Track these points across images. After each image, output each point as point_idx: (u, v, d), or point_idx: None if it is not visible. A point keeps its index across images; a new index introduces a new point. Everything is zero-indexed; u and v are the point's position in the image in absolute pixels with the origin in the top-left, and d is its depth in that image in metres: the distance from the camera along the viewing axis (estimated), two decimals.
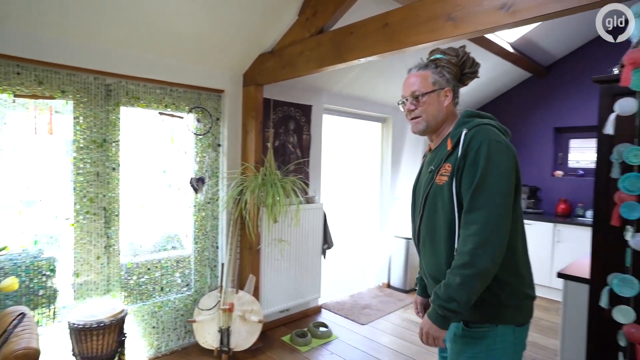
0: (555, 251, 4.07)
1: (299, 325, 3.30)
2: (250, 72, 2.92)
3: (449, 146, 1.22)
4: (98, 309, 2.28)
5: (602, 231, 1.41)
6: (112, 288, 2.49)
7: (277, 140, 3.24)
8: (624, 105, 1.27)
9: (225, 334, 2.66)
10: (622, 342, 1.34)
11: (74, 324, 2.14)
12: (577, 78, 4.32)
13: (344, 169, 4.08)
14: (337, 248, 3.82)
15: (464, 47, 1.35)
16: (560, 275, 1.93)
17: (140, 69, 2.46)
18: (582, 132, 4.38)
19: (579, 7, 1.40)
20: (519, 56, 3.97)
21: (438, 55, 1.32)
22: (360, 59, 2.11)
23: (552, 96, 4.54)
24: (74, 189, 2.32)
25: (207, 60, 2.71)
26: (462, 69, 1.32)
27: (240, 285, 2.90)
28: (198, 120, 2.82)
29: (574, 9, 1.41)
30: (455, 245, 1.14)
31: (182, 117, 2.74)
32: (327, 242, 3.58)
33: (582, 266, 1.95)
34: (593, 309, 1.44)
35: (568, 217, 4.28)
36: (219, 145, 2.96)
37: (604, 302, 1.36)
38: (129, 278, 2.58)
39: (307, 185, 3.46)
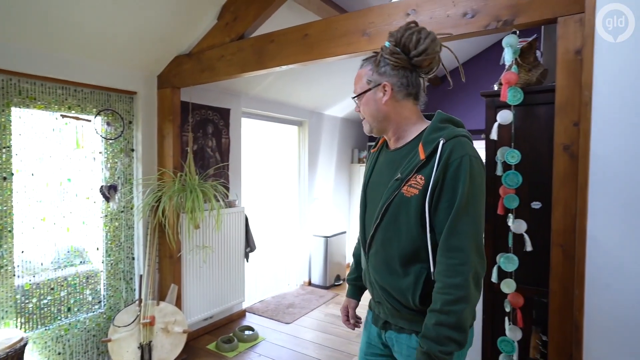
0: None
1: (224, 332, 3.26)
2: (166, 74, 2.81)
3: (422, 154, 1.08)
4: None
5: (491, 219, 1.71)
6: (6, 315, 2.19)
7: (196, 145, 3.16)
8: (504, 116, 1.56)
9: (146, 349, 2.53)
10: (507, 308, 1.64)
11: None
12: (463, 88, 4.98)
13: (264, 171, 4.13)
14: (259, 250, 3.85)
15: (410, 23, 1.14)
16: None
17: (36, 66, 2.22)
18: (472, 134, 5.06)
19: (466, 34, 1.67)
20: None
21: (386, 43, 1.14)
22: (282, 66, 2.19)
23: (446, 102, 5.14)
24: None
25: (117, 59, 2.55)
26: (406, 53, 1.12)
27: (161, 296, 2.77)
28: (108, 124, 2.63)
29: (462, 35, 1.68)
30: (431, 269, 1.05)
31: (89, 120, 2.53)
32: (249, 245, 3.59)
33: None
34: (486, 284, 1.73)
35: None
36: (133, 150, 2.80)
37: (494, 277, 1.65)
38: (27, 301, 2.30)
39: (228, 189, 3.44)
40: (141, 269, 2.79)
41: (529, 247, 1.55)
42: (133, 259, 2.82)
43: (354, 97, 1.22)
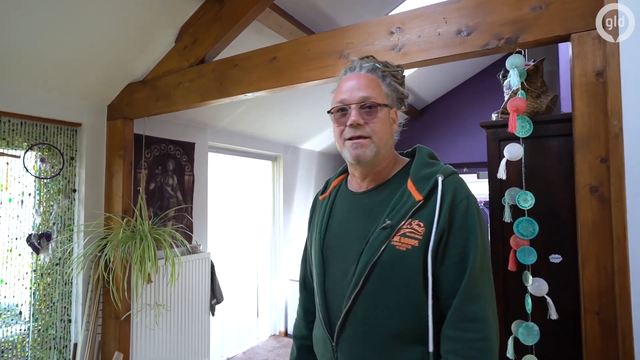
0: None
1: None
2: (117, 104, 2.46)
3: (417, 194, 0.84)
4: None
5: (499, 277, 1.39)
6: None
7: (153, 183, 2.78)
8: (512, 151, 1.29)
9: None
10: None
11: None
12: (446, 119, 4.81)
13: (234, 211, 3.74)
14: (227, 300, 3.40)
15: (400, 66, 1.02)
16: None
17: None
18: (457, 168, 4.85)
19: (460, 54, 1.42)
20: None
21: (377, 64, 0.95)
22: (247, 94, 1.89)
23: (428, 135, 4.96)
24: None
25: (58, 86, 2.19)
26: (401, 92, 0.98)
27: None
28: (42, 160, 2.23)
29: (456, 55, 1.43)
30: (430, 348, 0.80)
31: (17, 156, 2.13)
32: (215, 296, 3.15)
33: None
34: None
35: None
36: (74, 190, 2.39)
37: (509, 352, 1.32)
38: None
39: (190, 233, 3.03)
40: (79, 334, 2.31)
41: (554, 315, 1.23)
42: (69, 321, 2.34)
43: (371, 105, 0.88)
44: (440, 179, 0.84)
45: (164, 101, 2.21)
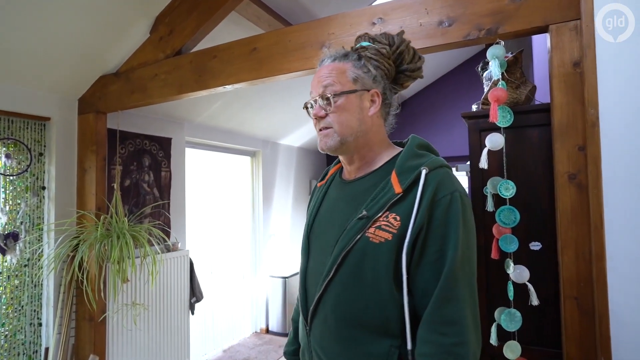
0: None
1: None
2: (89, 97, 2.36)
3: (397, 187, 0.81)
4: None
5: (482, 265, 1.41)
6: None
7: (128, 179, 2.69)
8: (494, 141, 1.31)
9: None
10: None
11: None
12: (424, 113, 4.87)
13: (213, 208, 3.67)
14: (207, 298, 3.33)
15: (402, 32, 0.96)
16: None
17: None
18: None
19: (442, 45, 1.43)
20: None
21: (364, 43, 0.92)
22: (226, 86, 1.85)
23: (407, 129, 5.01)
24: None
25: (24, 78, 2.07)
26: (398, 64, 0.93)
27: None
28: (7, 156, 2.11)
29: (438, 46, 1.44)
30: (408, 346, 0.76)
31: None
32: (195, 294, 3.08)
33: None
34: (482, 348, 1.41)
35: None
36: (44, 188, 2.28)
37: (493, 339, 1.34)
38: None
39: (168, 230, 2.95)
40: (50, 338, 2.21)
41: (535, 301, 1.25)
42: (40, 325, 2.24)
43: (329, 96, 0.88)
44: (424, 172, 0.80)
45: (139, 94, 2.13)
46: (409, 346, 0.76)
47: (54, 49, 1.99)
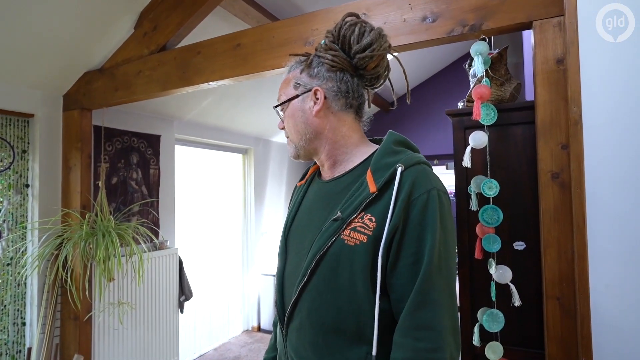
0: None
1: None
2: (73, 93, 2.33)
3: (372, 186, 0.77)
4: None
5: (466, 265, 1.40)
6: None
7: (116, 177, 2.65)
8: (477, 139, 1.29)
9: None
10: None
11: None
12: (415, 112, 4.85)
13: (204, 206, 3.64)
14: (197, 297, 3.31)
15: (349, 15, 0.88)
16: None
17: None
18: (428, 160, 4.92)
19: (426, 41, 1.40)
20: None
21: (321, 42, 0.88)
22: (210, 82, 1.82)
23: (397, 128, 5.00)
24: None
25: (6, 74, 2.03)
26: (348, 51, 0.85)
27: None
28: None
29: (422, 42, 1.41)
30: (373, 352, 0.73)
31: None
32: (184, 293, 3.06)
33: None
34: (464, 349, 1.39)
35: None
36: (27, 185, 2.25)
37: (475, 339, 1.32)
38: None
39: (157, 228, 2.92)
40: (34, 338, 2.18)
41: (517, 302, 1.24)
42: (23, 324, 2.21)
43: (276, 107, 0.92)
44: (399, 170, 0.75)
45: (123, 91, 2.10)
46: (374, 352, 0.72)
47: (37, 44, 1.95)
